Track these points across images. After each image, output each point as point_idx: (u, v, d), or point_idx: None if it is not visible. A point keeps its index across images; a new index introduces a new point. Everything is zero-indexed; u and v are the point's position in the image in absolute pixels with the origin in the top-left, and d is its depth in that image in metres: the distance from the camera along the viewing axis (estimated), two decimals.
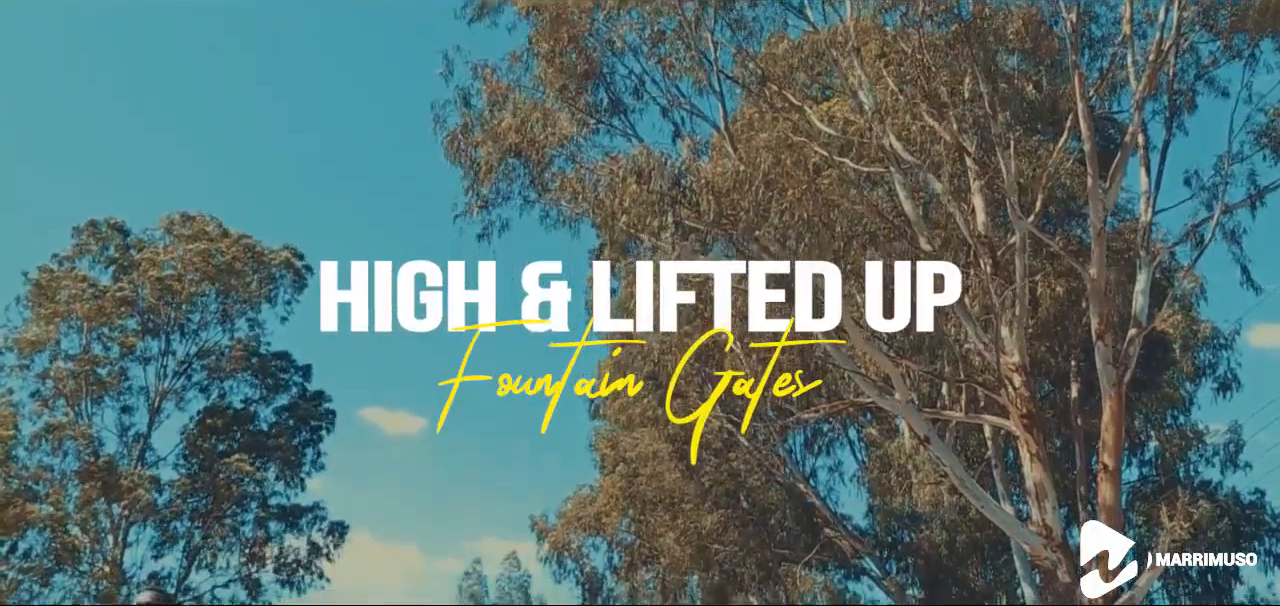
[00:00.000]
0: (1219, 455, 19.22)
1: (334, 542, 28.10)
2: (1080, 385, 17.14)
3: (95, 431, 25.35)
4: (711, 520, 20.43)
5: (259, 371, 27.98)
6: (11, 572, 23.71)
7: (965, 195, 14.19)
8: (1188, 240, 14.09)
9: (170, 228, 27.78)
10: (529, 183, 13.85)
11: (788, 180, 12.09)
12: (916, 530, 19.29)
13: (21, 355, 25.64)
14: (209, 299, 27.32)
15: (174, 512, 25.77)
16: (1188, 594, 18.97)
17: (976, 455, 18.32)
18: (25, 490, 23.92)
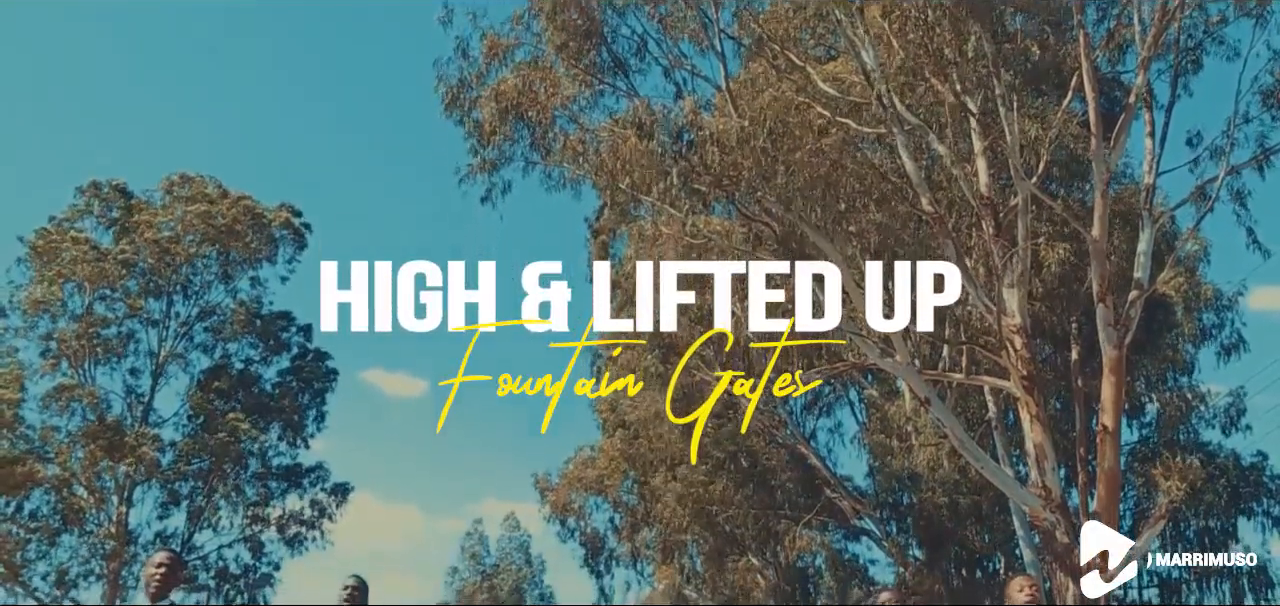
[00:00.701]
0: (1219, 418, 19.27)
1: (336, 503, 28.31)
2: (1081, 347, 17.17)
3: (101, 393, 25.47)
4: (711, 481, 20.54)
5: (261, 332, 28.04)
6: (19, 532, 23.89)
7: (968, 157, 14.13)
8: (1192, 202, 14.02)
9: (170, 189, 27.74)
10: (531, 144, 13.83)
11: (791, 140, 12.04)
12: (917, 491, 19.38)
13: (26, 316, 25.68)
14: (210, 260, 27.33)
15: (178, 473, 25.90)
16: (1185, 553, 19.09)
17: (977, 417, 18.38)
18: (32, 450, 24.06)
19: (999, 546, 20.51)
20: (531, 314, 10.32)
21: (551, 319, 10.32)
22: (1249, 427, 19.35)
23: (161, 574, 5.02)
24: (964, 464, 16.58)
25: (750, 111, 12.34)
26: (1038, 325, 16.08)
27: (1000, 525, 19.19)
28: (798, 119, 12.47)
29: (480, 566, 58.68)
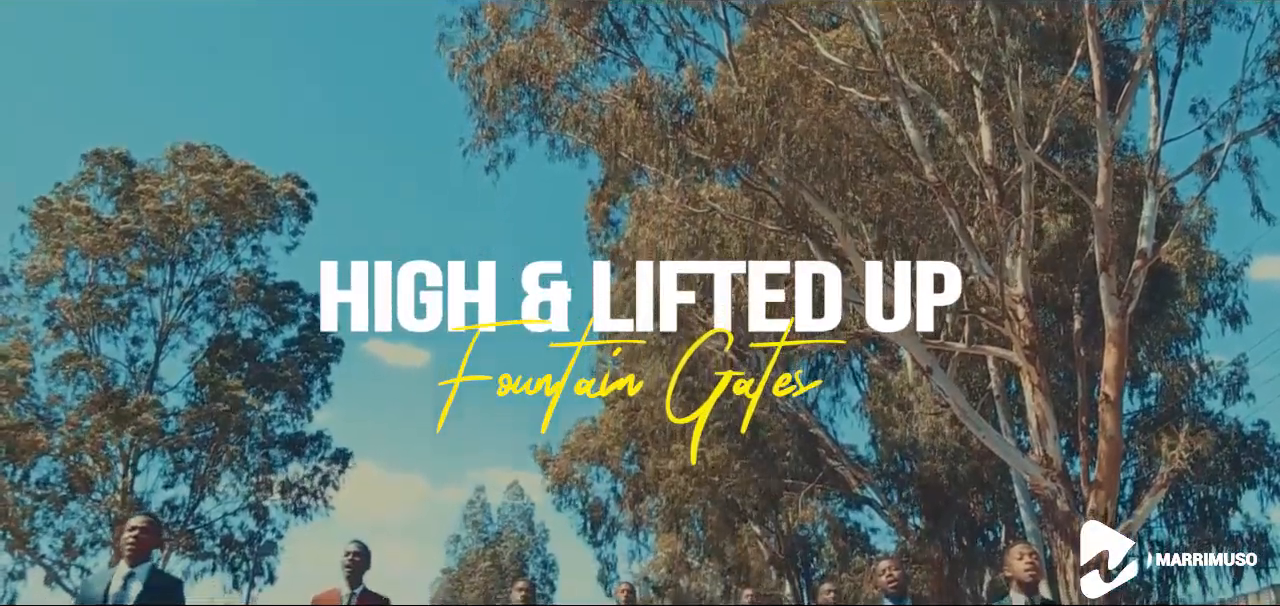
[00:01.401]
0: (1222, 387, 19.25)
1: (338, 470, 28.43)
2: (1083, 317, 17.14)
3: (106, 362, 25.55)
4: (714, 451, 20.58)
5: (266, 303, 28.06)
6: (27, 499, 24.05)
7: (972, 125, 14.06)
8: (1197, 170, 13.95)
9: (175, 158, 27.68)
10: (534, 112, 13.77)
11: (793, 108, 11.98)
12: (918, 460, 19.41)
13: (30, 285, 25.72)
14: (214, 229, 27.31)
15: (182, 442, 26.01)
16: (1187, 521, 19.15)
17: (979, 386, 18.39)
18: (39, 418, 24.18)
19: (1000, 515, 20.58)
20: (531, 314, 10.31)
21: (551, 319, 10.33)
22: (1252, 396, 19.36)
23: (134, 536, 5.05)
24: (965, 433, 16.61)
25: (750, 79, 12.27)
26: (1040, 294, 16.05)
27: (1001, 494, 19.24)
28: (800, 87, 12.40)
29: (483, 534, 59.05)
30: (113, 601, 4.88)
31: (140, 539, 5.06)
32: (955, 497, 19.37)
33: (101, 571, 5.19)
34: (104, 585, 4.94)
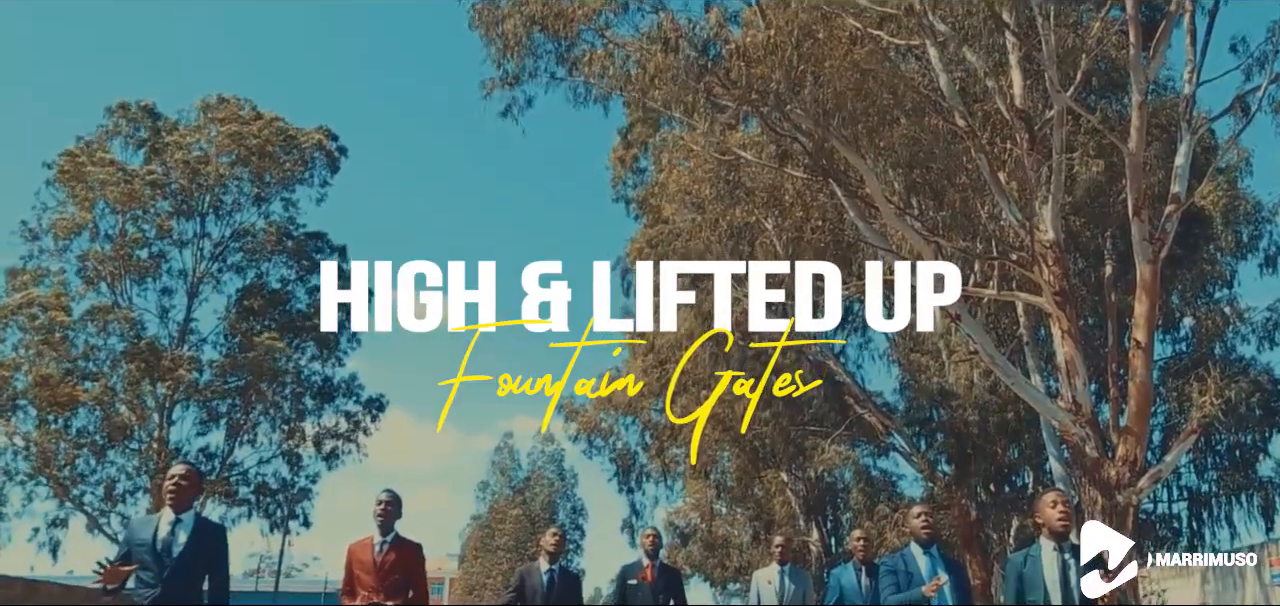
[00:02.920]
0: (1256, 332, 18.98)
1: (370, 417, 28.80)
2: (1114, 262, 16.95)
3: (137, 314, 25.91)
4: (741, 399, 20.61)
5: (294, 253, 28.27)
6: (66, 447, 24.56)
7: (1003, 68, 13.83)
8: (1233, 112, 13.65)
9: (205, 109, 27.81)
10: (556, 59, 13.70)
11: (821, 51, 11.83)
12: (946, 407, 19.37)
13: (59, 238, 26.03)
14: (243, 181, 27.48)
15: (215, 392, 26.41)
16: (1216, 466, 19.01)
17: (1008, 333, 18.27)
18: (76, 369, 24.61)
19: (1028, 461, 20.54)
20: (531, 314, 10.32)
21: (551, 319, 10.33)
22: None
23: (175, 484, 5.16)
24: (994, 379, 16.55)
25: (778, 22, 12.11)
26: (1071, 240, 15.87)
27: (1030, 440, 19.18)
28: (827, 30, 12.23)
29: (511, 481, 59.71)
30: (161, 547, 5.00)
31: (181, 487, 5.17)
32: (983, 444, 19.34)
33: (146, 517, 5.31)
34: (151, 530, 5.06)
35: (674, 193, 16.87)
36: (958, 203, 14.59)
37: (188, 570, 5.01)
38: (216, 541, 5.23)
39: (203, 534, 5.15)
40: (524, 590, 7.32)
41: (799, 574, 8.38)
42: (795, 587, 8.13)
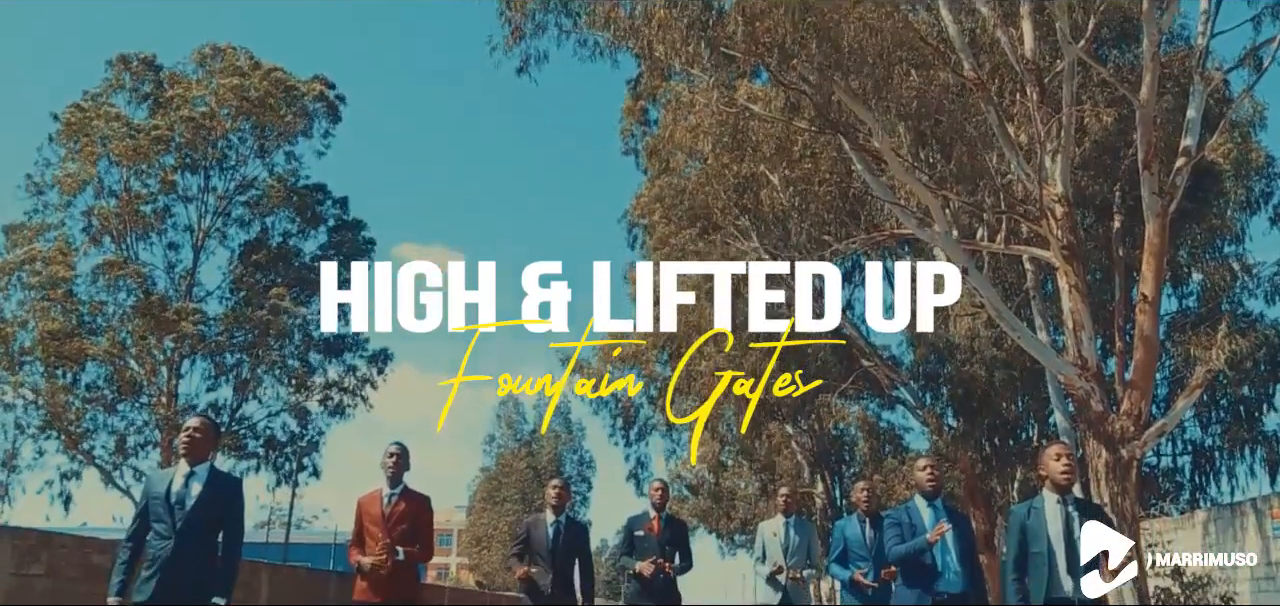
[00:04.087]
0: (1264, 287, 18.89)
1: (377, 370, 28.96)
2: (1123, 216, 16.86)
3: (145, 268, 25.98)
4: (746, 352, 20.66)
5: (298, 206, 28.27)
6: (77, 402, 24.76)
7: (1013, 19, 13.67)
8: (1246, 63, 13.51)
9: (202, 61, 27.67)
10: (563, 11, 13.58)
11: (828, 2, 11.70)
12: (953, 360, 19.39)
13: (63, 193, 26.02)
14: (245, 134, 27.41)
15: (223, 346, 26.56)
16: (1220, 421, 19.04)
17: (1015, 287, 18.23)
18: (84, 324, 24.73)
19: (1033, 414, 20.59)
20: (531, 314, 10.31)
21: (551, 319, 10.35)
22: None
23: (189, 437, 5.20)
24: (1001, 333, 16.54)
25: None
26: (1080, 194, 15.77)
27: (1036, 394, 19.21)
28: None
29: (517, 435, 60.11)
30: (175, 499, 5.05)
31: (196, 438, 5.20)
32: (989, 397, 19.37)
33: (163, 471, 5.35)
34: (166, 483, 5.10)
35: (681, 142, 16.81)
36: (966, 156, 14.49)
37: (202, 522, 5.05)
38: (231, 493, 5.27)
39: (217, 486, 5.18)
40: (530, 541, 7.38)
41: (804, 525, 8.45)
42: (800, 538, 8.20)
